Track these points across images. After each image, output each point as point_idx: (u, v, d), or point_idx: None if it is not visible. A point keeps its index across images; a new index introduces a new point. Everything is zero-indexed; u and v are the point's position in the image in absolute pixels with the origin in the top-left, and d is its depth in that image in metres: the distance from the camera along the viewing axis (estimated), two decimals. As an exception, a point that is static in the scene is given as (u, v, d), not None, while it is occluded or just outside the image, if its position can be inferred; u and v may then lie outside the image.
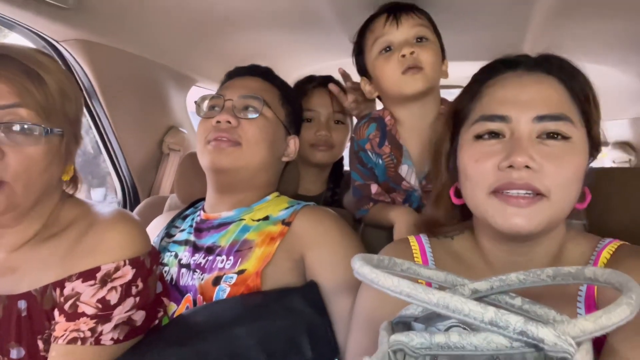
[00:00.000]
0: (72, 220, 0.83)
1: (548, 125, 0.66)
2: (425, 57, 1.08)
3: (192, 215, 1.13)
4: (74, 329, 0.75)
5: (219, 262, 0.95)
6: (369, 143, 1.21)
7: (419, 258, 0.79)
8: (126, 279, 0.78)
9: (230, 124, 1.00)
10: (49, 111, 0.76)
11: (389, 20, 1.10)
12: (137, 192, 1.79)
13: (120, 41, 1.50)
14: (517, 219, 0.63)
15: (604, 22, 1.38)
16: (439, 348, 0.39)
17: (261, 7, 1.37)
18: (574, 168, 0.65)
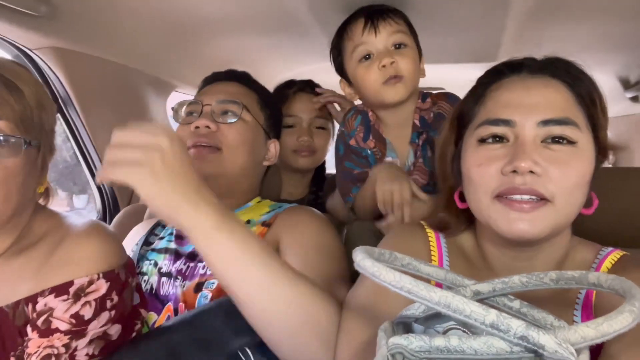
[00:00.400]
0: (44, 232, 0.81)
1: (553, 129, 0.65)
2: (405, 65, 1.10)
3: None
4: (48, 345, 0.72)
5: (200, 268, 0.94)
6: (353, 139, 1.23)
7: (434, 249, 0.78)
8: (100, 292, 0.76)
9: (210, 129, 0.99)
10: (27, 123, 0.75)
11: (367, 28, 1.10)
12: (116, 201, 1.75)
13: (96, 48, 1.47)
14: (521, 224, 0.62)
15: (579, 23, 1.41)
16: (438, 352, 0.39)
17: (240, 12, 1.36)
18: (580, 173, 0.64)
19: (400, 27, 1.12)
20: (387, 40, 1.10)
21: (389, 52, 1.10)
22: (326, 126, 1.57)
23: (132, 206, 1.66)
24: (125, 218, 1.55)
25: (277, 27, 1.49)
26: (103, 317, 0.76)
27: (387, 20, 1.11)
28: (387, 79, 1.09)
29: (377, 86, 1.11)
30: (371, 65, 1.11)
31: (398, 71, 1.09)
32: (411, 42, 1.14)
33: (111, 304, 0.77)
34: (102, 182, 0.82)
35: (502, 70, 0.73)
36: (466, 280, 0.53)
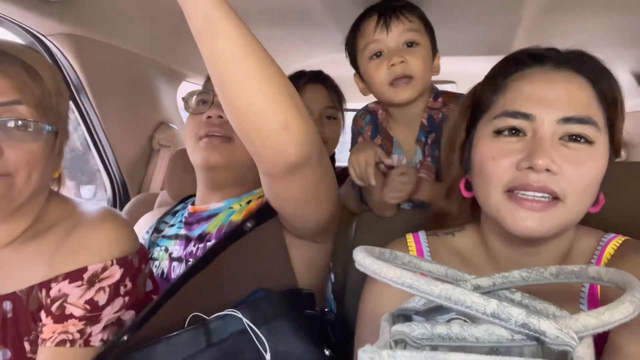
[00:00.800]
0: (57, 218, 0.82)
1: (573, 127, 0.63)
2: (415, 65, 1.09)
3: (182, 211, 1.12)
4: (63, 331, 0.73)
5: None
6: (362, 137, 1.24)
7: (413, 252, 0.78)
8: (114, 279, 0.76)
9: (222, 119, 0.98)
10: (46, 108, 0.75)
11: (379, 26, 1.10)
12: (127, 189, 1.77)
13: (109, 35, 1.48)
14: (529, 222, 0.62)
15: (595, 17, 1.39)
16: (440, 339, 0.39)
17: (252, 2, 1.36)
18: (594, 174, 0.63)
19: (413, 25, 1.11)
20: (398, 39, 1.10)
21: (399, 50, 1.09)
22: (337, 116, 1.56)
23: (142, 195, 1.68)
24: (135, 206, 1.57)
25: (289, 18, 1.49)
26: (117, 303, 0.77)
27: (400, 18, 1.09)
28: (395, 78, 1.09)
29: (385, 85, 1.11)
30: (381, 63, 1.10)
31: (407, 71, 1.09)
32: (424, 40, 1.13)
33: (125, 290, 0.78)
34: None
35: (524, 59, 0.70)
36: (467, 275, 0.53)
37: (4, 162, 0.71)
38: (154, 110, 1.84)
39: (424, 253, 0.78)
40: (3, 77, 0.71)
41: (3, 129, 0.71)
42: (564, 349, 0.34)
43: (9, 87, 0.71)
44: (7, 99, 0.71)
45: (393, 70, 1.09)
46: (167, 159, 1.80)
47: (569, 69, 0.67)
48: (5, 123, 0.71)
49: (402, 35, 1.09)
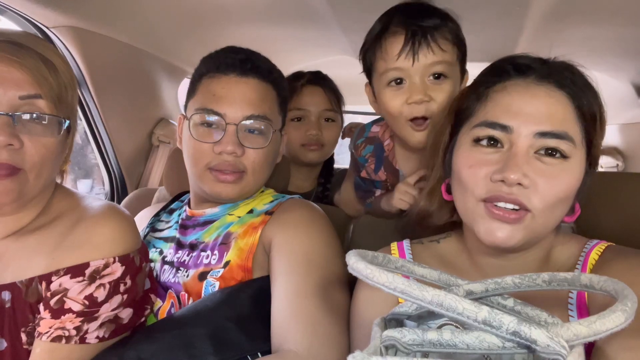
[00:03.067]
0: (61, 211, 0.82)
1: (549, 142, 0.64)
2: (438, 104, 0.94)
3: (178, 210, 1.11)
4: (59, 327, 0.73)
5: (203, 257, 0.94)
6: (364, 171, 1.17)
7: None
8: (115, 276, 0.76)
9: (236, 154, 0.91)
10: (62, 102, 0.76)
11: (404, 51, 0.93)
12: (125, 184, 1.77)
13: (112, 29, 1.48)
14: (499, 233, 0.63)
15: (596, 28, 1.39)
16: (431, 345, 0.39)
17: (257, 1, 1.36)
18: (566, 188, 0.64)
19: (446, 55, 0.94)
20: (425, 71, 0.94)
21: (424, 86, 0.94)
22: (335, 118, 1.55)
23: (141, 190, 1.68)
24: (133, 201, 1.57)
25: (293, 19, 1.49)
26: (115, 300, 0.76)
27: (431, 45, 0.93)
28: (414, 118, 0.96)
29: (403, 122, 0.98)
30: (399, 94, 0.96)
31: (427, 112, 0.95)
32: (454, 71, 0.97)
33: (124, 288, 0.78)
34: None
35: (507, 70, 0.71)
36: (459, 280, 0.53)
37: (22, 154, 0.72)
38: (154, 106, 1.84)
39: (406, 255, 0.79)
40: (23, 71, 0.71)
41: (23, 123, 0.72)
42: (555, 358, 0.34)
43: (29, 80, 0.71)
44: (27, 93, 0.72)
45: (412, 109, 0.95)
46: (166, 155, 1.80)
47: (550, 83, 0.68)
48: (25, 117, 0.72)
49: (430, 67, 0.94)
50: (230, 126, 0.91)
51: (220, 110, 0.92)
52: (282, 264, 0.86)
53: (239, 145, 0.91)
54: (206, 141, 0.92)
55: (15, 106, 0.71)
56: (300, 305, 0.82)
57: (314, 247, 0.89)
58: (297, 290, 0.83)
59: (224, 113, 0.92)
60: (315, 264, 0.87)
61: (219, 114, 0.92)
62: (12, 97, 0.71)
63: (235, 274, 0.89)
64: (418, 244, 0.81)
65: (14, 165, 0.71)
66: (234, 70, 0.95)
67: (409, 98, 0.95)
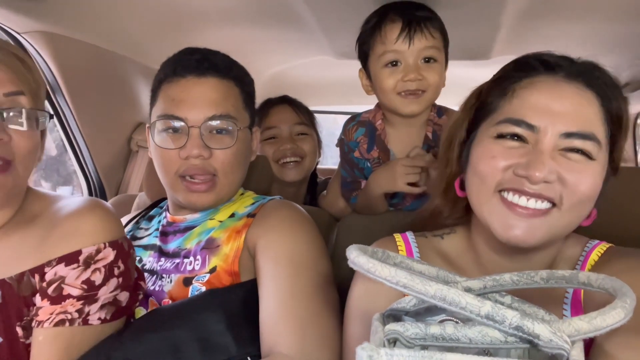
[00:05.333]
0: (39, 209, 0.84)
1: (575, 142, 0.63)
2: (430, 82, 1.09)
3: (158, 216, 1.08)
4: (61, 311, 0.75)
5: (187, 264, 0.92)
6: (357, 151, 1.22)
7: (403, 252, 0.77)
8: (108, 260, 0.79)
9: (203, 156, 0.90)
10: (39, 97, 0.80)
11: (402, 36, 1.07)
12: (104, 191, 1.73)
13: (86, 33, 1.44)
14: (517, 231, 0.61)
15: (572, 24, 1.43)
16: (434, 339, 0.39)
17: (234, 2, 1.35)
18: (591, 186, 0.63)
19: (436, 41, 1.10)
20: (418, 54, 1.09)
21: (417, 67, 1.09)
22: (308, 132, 1.59)
23: (120, 196, 1.65)
24: (113, 208, 1.53)
25: (272, 19, 1.48)
26: (112, 283, 0.79)
27: (424, 32, 1.08)
28: (405, 90, 1.09)
29: (394, 95, 1.11)
30: (395, 73, 1.10)
31: (421, 87, 1.09)
32: (441, 56, 1.12)
33: (119, 272, 0.80)
34: None
35: (535, 66, 0.69)
36: (457, 277, 0.53)
37: (12, 147, 0.75)
38: (132, 110, 1.80)
39: (413, 253, 0.77)
40: (5, 69, 0.75)
41: (9, 119, 0.75)
42: (558, 352, 0.35)
43: (11, 78, 0.75)
44: (11, 90, 0.75)
45: (406, 84, 1.09)
46: (146, 160, 1.77)
47: (579, 81, 0.66)
48: (11, 113, 0.75)
49: (423, 51, 1.08)
50: (193, 129, 0.89)
51: (181, 115, 0.90)
52: (267, 267, 0.86)
53: (205, 147, 0.89)
54: (171, 148, 0.91)
55: (1, 102, 0.74)
56: (289, 307, 0.81)
57: (298, 248, 0.88)
58: (285, 293, 0.82)
59: (185, 117, 0.90)
60: (300, 265, 0.86)
61: (180, 119, 0.90)
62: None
63: (222, 279, 0.88)
64: (422, 237, 0.80)
65: (6, 158, 0.74)
66: (191, 72, 0.93)
67: (404, 76, 1.09)
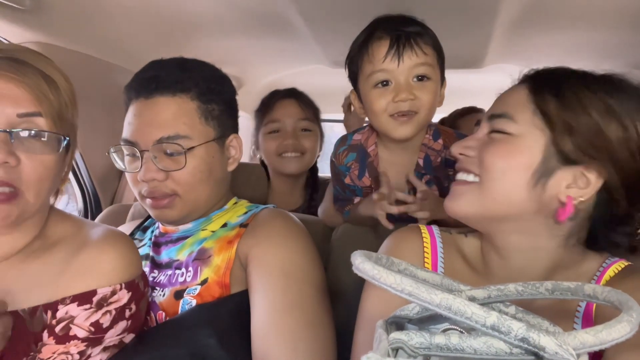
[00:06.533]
0: (61, 235, 0.80)
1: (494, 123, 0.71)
2: (422, 102, 1.00)
3: (151, 227, 1.08)
4: (63, 352, 0.72)
5: (178, 275, 0.92)
6: (348, 177, 1.17)
7: (428, 250, 0.79)
8: (121, 302, 0.76)
9: (159, 179, 0.89)
10: (62, 120, 0.75)
11: (390, 54, 0.99)
12: (98, 200, 1.72)
13: (82, 44, 1.44)
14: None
15: (565, 32, 1.44)
16: (438, 349, 0.39)
17: (229, 13, 1.36)
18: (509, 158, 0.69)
19: (428, 58, 1.00)
20: (409, 72, 1.00)
21: (409, 86, 1.00)
22: (312, 128, 1.57)
23: (115, 206, 1.63)
24: (107, 218, 1.52)
25: (266, 29, 1.49)
26: (120, 325, 0.76)
27: (414, 48, 0.99)
28: (398, 112, 1.01)
29: (386, 118, 1.02)
30: (386, 94, 1.01)
31: (413, 108, 1.00)
32: (435, 74, 1.03)
33: (129, 314, 0.77)
34: None
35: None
36: (462, 286, 0.53)
37: (19, 172, 0.70)
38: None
39: (437, 247, 0.79)
40: (23, 88, 0.70)
41: (21, 140, 0.70)
42: (562, 366, 0.34)
43: (29, 98, 0.71)
44: (27, 111, 0.71)
45: (398, 105, 1.00)
46: (141, 169, 1.76)
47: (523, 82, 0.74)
48: (24, 134, 0.70)
49: (414, 68, 1.00)
50: (145, 153, 0.89)
51: (132, 139, 0.91)
52: (259, 279, 0.85)
53: (158, 171, 0.89)
54: (133, 171, 0.92)
55: (14, 123, 0.70)
56: (280, 320, 0.81)
57: (290, 259, 0.88)
58: (276, 305, 0.82)
59: (136, 141, 0.90)
60: (292, 277, 0.86)
61: (132, 143, 0.91)
62: (10, 114, 0.70)
63: (212, 291, 0.87)
64: (446, 232, 0.82)
65: (11, 184, 0.69)
66: (140, 94, 0.93)
67: (395, 97, 1.00)
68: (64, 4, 1.22)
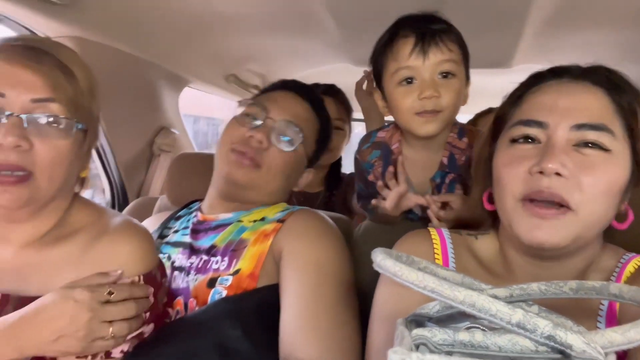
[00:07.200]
0: (82, 223, 0.82)
1: (587, 134, 0.62)
2: (447, 99, 1.00)
3: (186, 216, 1.11)
4: None
5: (213, 263, 0.94)
6: (372, 174, 1.17)
7: (438, 252, 0.77)
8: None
9: (261, 145, 0.97)
10: (78, 107, 0.76)
11: (415, 51, 0.99)
12: (125, 193, 1.76)
13: (114, 39, 1.48)
14: (540, 232, 0.61)
15: (597, 32, 1.41)
16: (462, 346, 0.39)
17: (257, 10, 1.37)
18: (609, 180, 0.62)
19: (453, 55, 1.00)
20: (434, 69, 0.99)
21: (434, 83, 0.99)
22: (343, 127, 1.66)
23: (142, 199, 1.67)
24: (134, 210, 1.56)
25: (293, 26, 1.50)
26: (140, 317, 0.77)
27: (440, 45, 0.99)
28: (423, 111, 1.00)
29: (410, 115, 1.02)
30: (410, 91, 1.01)
31: (437, 106, 1.00)
32: (460, 71, 1.02)
33: (149, 305, 0.78)
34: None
35: (545, 74, 0.71)
36: (483, 285, 0.52)
37: (33, 155, 0.71)
38: (155, 114, 1.84)
39: (447, 249, 0.78)
40: (38, 75, 0.72)
41: (34, 125, 0.72)
42: (590, 363, 0.34)
43: (43, 85, 0.72)
44: (40, 96, 0.72)
45: (423, 103, 1.00)
46: (167, 163, 1.80)
47: (586, 81, 0.67)
48: (36, 119, 0.72)
49: (439, 65, 0.99)
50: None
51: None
52: (293, 274, 0.87)
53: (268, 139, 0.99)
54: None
55: (28, 108, 0.72)
56: (311, 315, 0.82)
57: (324, 256, 0.90)
58: (308, 300, 0.83)
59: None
60: (325, 273, 0.87)
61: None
62: (24, 100, 0.71)
63: (243, 282, 0.89)
64: (456, 234, 0.80)
65: (23, 167, 0.71)
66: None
67: (420, 94, 0.99)
68: (98, 0, 1.25)
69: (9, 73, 0.71)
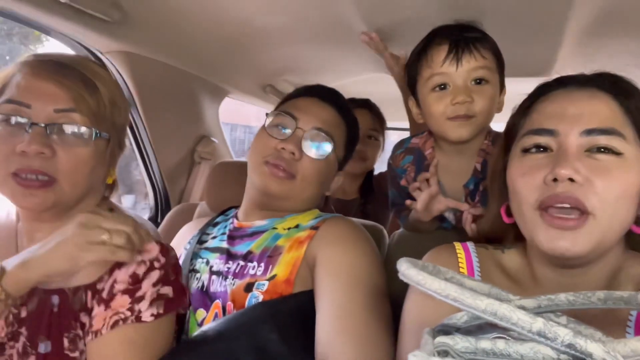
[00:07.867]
0: None
1: (598, 139, 0.63)
2: (480, 106, 1.01)
3: (223, 222, 1.15)
4: (113, 314, 0.77)
5: (250, 268, 0.97)
6: (404, 179, 1.19)
7: (464, 266, 0.77)
8: (152, 254, 0.82)
9: (294, 156, 0.99)
10: (99, 117, 0.83)
11: (449, 58, 1.01)
12: (168, 199, 1.83)
13: (160, 53, 1.55)
14: (562, 242, 0.61)
15: (635, 39, 1.36)
16: (484, 354, 0.39)
17: (293, 22, 1.40)
18: (625, 185, 0.62)
19: (486, 62, 1.02)
20: (468, 75, 1.01)
21: (467, 89, 1.01)
22: (378, 137, 1.78)
23: (183, 205, 1.74)
24: (176, 216, 1.62)
25: (329, 38, 1.52)
26: (153, 275, 0.81)
27: (473, 52, 1.00)
28: (455, 116, 1.02)
29: (443, 120, 1.04)
30: (443, 97, 1.02)
31: (470, 111, 1.01)
32: (494, 78, 1.04)
33: (159, 264, 0.82)
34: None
35: (551, 84, 0.73)
36: (511, 296, 0.52)
37: (55, 162, 0.78)
38: (197, 124, 1.91)
39: (473, 263, 0.78)
40: (61, 87, 0.79)
41: (57, 133, 0.79)
42: (610, 372, 0.34)
43: (66, 97, 0.79)
44: (63, 107, 0.79)
45: (456, 108, 1.01)
46: (207, 171, 1.86)
47: (592, 87, 0.68)
48: (59, 128, 0.79)
49: (472, 72, 1.01)
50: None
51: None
52: (327, 280, 0.89)
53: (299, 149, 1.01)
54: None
55: (51, 119, 0.79)
56: (346, 320, 0.84)
57: (358, 262, 0.92)
58: (343, 306, 0.85)
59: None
60: (360, 280, 0.89)
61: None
62: (48, 110, 0.78)
63: (279, 287, 0.91)
64: (482, 248, 0.80)
65: (47, 173, 0.77)
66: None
67: (453, 99, 1.01)
68: (146, 17, 1.33)
69: (35, 86, 0.78)
